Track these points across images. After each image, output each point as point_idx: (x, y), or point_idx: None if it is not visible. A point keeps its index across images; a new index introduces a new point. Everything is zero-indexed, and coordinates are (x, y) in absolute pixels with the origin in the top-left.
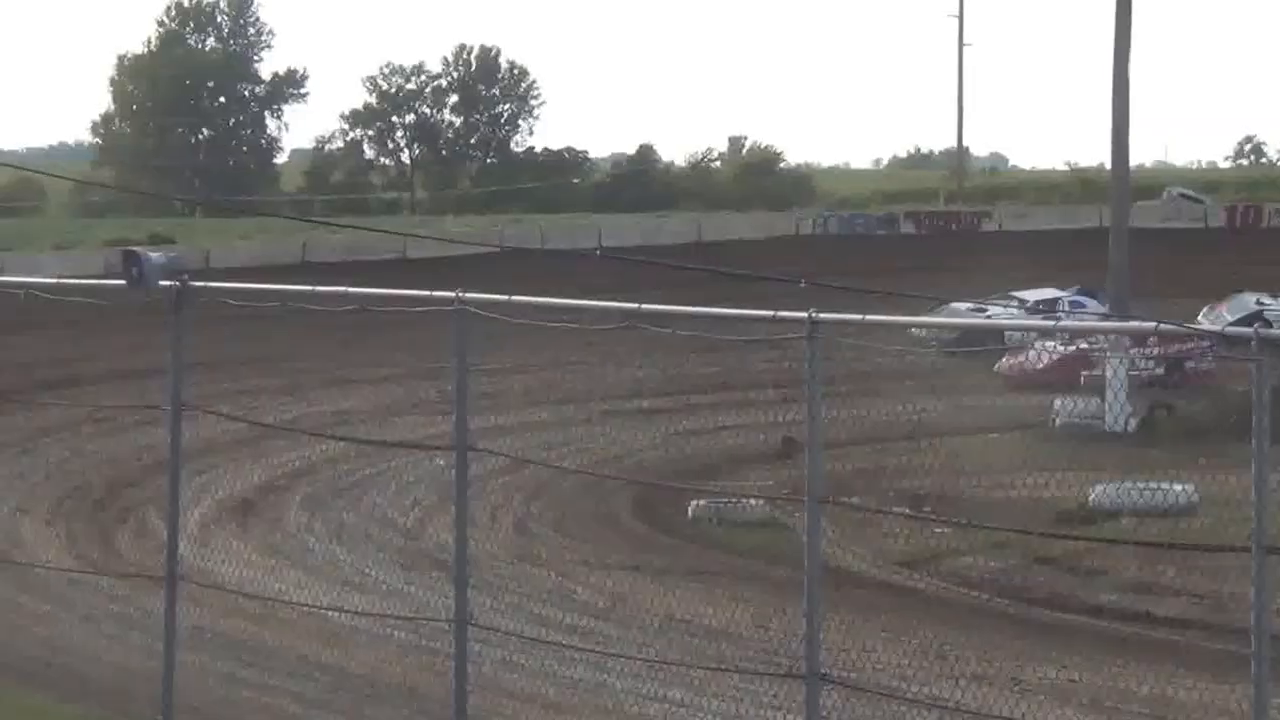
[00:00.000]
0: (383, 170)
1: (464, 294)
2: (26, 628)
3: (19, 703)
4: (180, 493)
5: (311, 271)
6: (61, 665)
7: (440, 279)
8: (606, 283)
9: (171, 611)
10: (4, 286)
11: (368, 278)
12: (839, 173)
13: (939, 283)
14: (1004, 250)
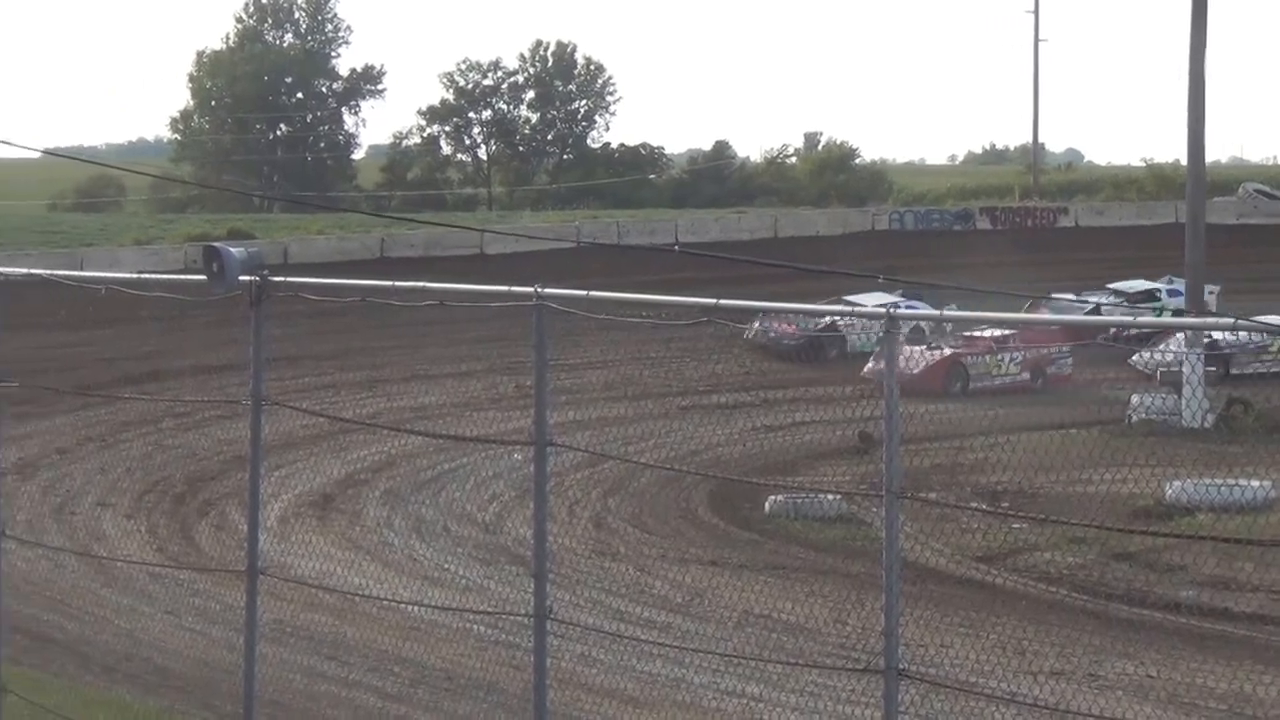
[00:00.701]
0: (459, 166)
1: (543, 289)
2: (108, 621)
3: (101, 695)
4: (260, 487)
5: (389, 267)
6: (143, 659)
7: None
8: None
9: (252, 605)
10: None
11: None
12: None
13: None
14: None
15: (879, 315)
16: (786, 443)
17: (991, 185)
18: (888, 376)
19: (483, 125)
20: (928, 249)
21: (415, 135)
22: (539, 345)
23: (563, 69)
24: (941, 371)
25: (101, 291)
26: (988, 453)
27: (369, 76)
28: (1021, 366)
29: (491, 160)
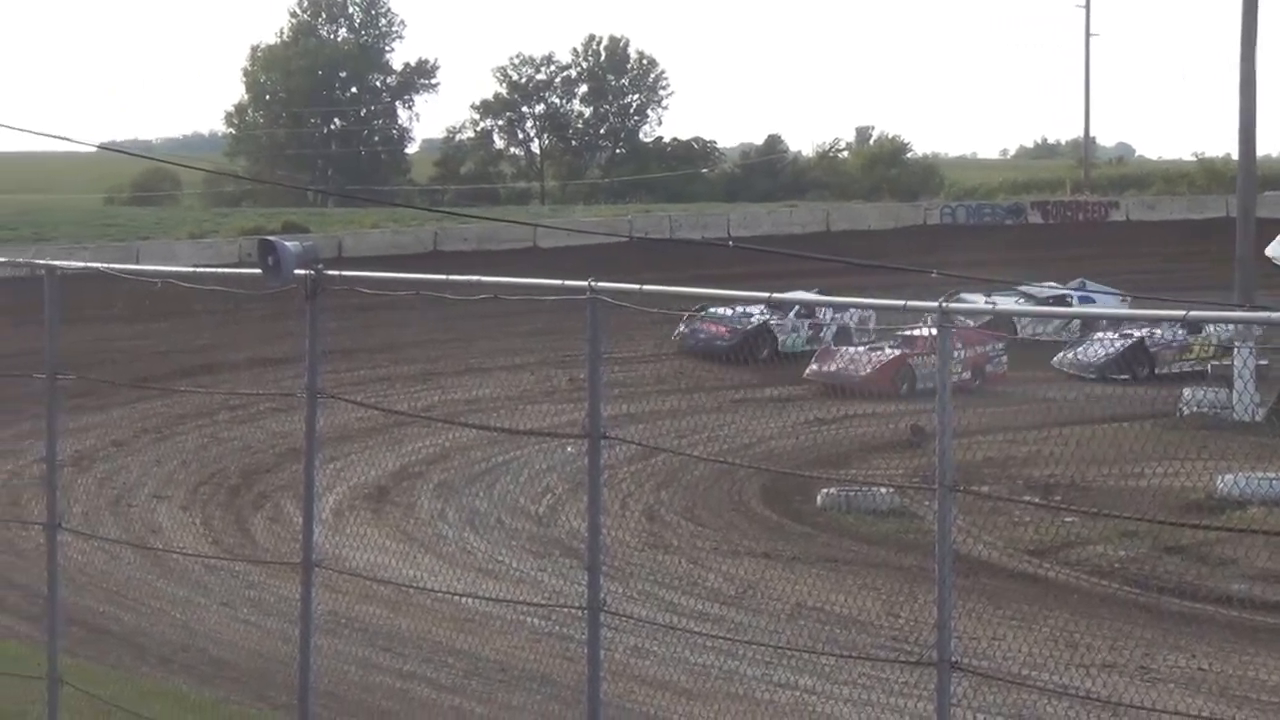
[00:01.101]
0: (512, 160)
1: (596, 283)
2: (164, 612)
3: (157, 686)
4: (315, 480)
5: (443, 260)
6: (198, 650)
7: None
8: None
9: (307, 597)
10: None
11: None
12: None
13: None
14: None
15: (930, 309)
16: (839, 436)
17: (1043, 179)
18: (940, 370)
19: (535, 119)
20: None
21: (468, 129)
22: (593, 338)
23: (615, 63)
24: (890, 372)
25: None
26: (1039, 446)
27: (422, 71)
28: (963, 365)
29: (544, 154)
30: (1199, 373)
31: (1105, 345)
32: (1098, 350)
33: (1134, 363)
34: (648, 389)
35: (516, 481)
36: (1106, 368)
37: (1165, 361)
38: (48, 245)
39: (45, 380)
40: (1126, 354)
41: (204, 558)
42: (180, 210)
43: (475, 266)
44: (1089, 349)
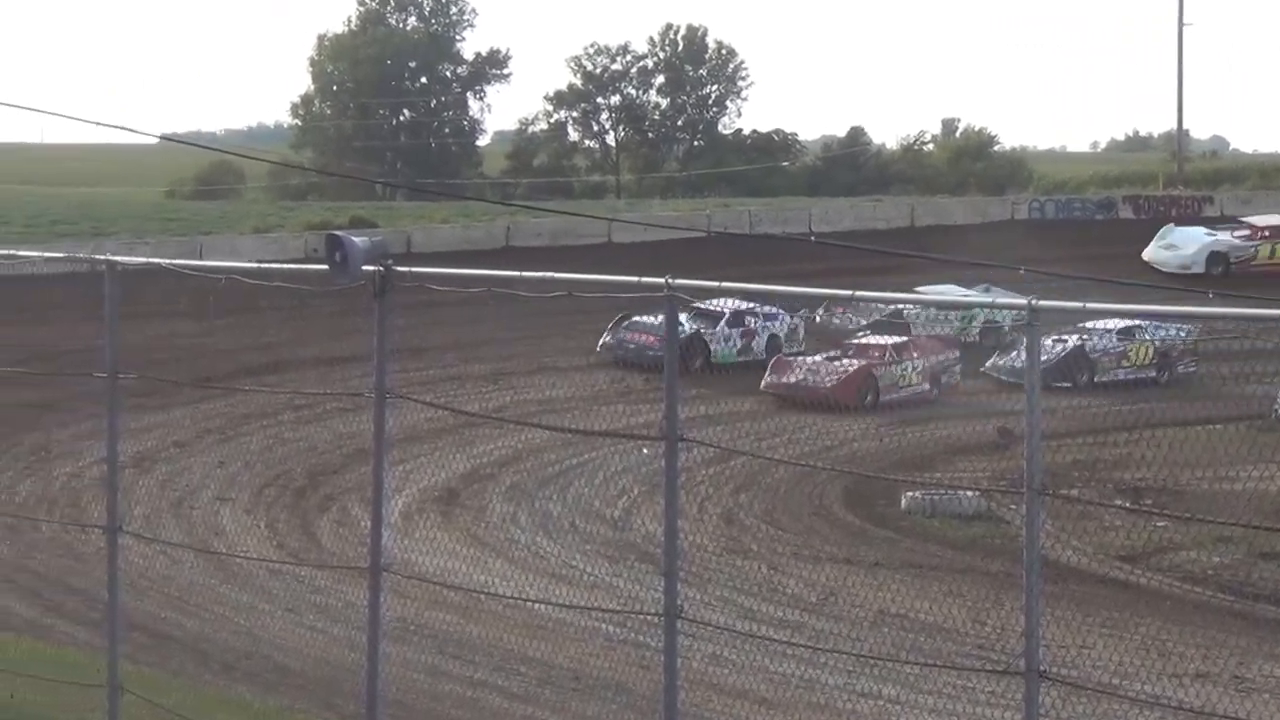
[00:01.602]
0: (587, 153)
1: (673, 280)
2: (227, 618)
3: (220, 694)
4: (384, 482)
5: (515, 256)
6: (262, 657)
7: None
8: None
9: (375, 603)
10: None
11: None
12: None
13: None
14: None
15: (1019, 305)
16: (923, 438)
17: (1135, 173)
18: (1029, 371)
19: (611, 111)
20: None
21: (542, 121)
22: (670, 338)
23: (693, 53)
24: (855, 383)
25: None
26: (1130, 448)
27: (494, 60)
28: (921, 376)
29: (620, 147)
30: (1139, 380)
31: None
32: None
33: (1074, 369)
34: (726, 390)
35: (591, 484)
36: (1046, 375)
37: (1105, 369)
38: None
39: (106, 379)
40: (1067, 360)
41: (268, 562)
42: (244, 204)
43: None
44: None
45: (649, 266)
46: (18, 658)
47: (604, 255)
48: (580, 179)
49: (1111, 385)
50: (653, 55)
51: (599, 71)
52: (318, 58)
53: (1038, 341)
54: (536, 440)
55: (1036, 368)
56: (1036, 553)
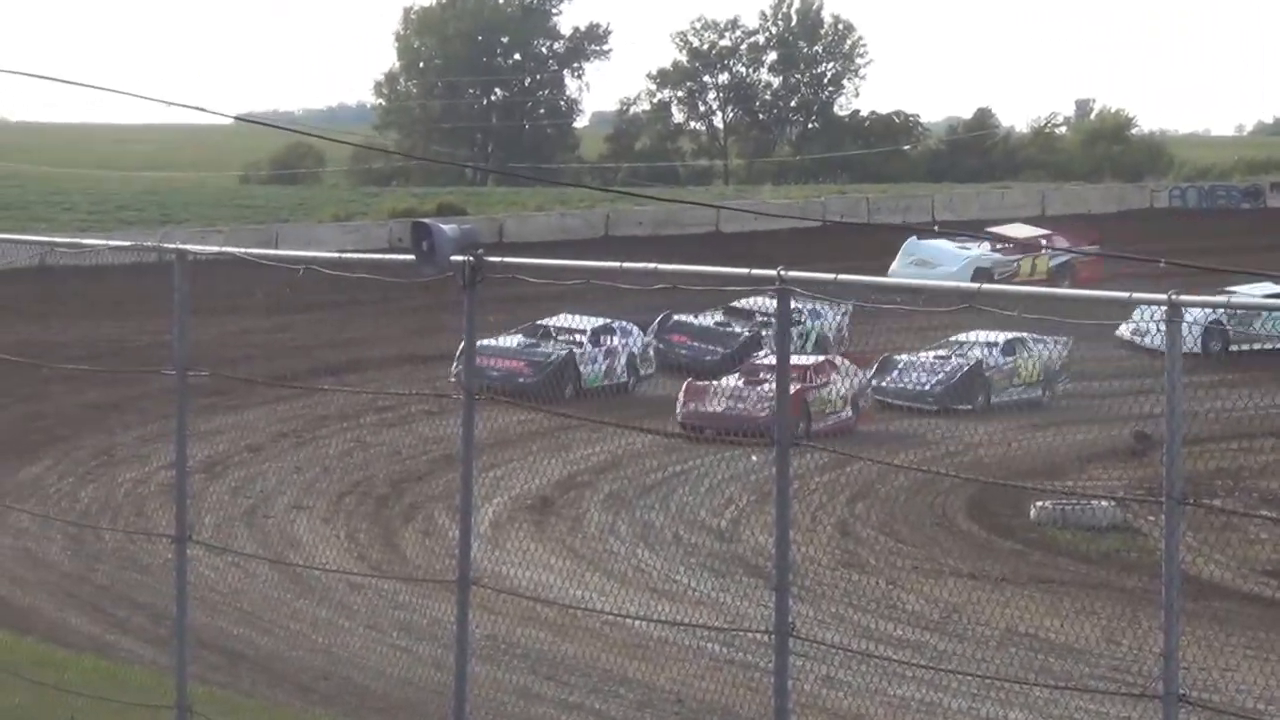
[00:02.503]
0: (693, 136)
1: (786, 272)
2: (304, 636)
3: (296, 717)
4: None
5: (615, 246)
6: (342, 678)
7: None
8: None
9: (463, 619)
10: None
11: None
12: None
13: None
14: None
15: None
16: (1054, 443)
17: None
18: (1170, 369)
19: (719, 90)
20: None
21: (644, 101)
22: (781, 335)
23: (808, 28)
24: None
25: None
26: (1277, 455)
27: (593, 36)
28: (844, 400)
29: (728, 129)
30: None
31: (929, 370)
32: (921, 377)
33: (973, 389)
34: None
35: (696, 492)
36: (945, 396)
37: (999, 388)
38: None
39: (175, 377)
40: (965, 379)
41: (348, 575)
42: (324, 190)
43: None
44: (908, 374)
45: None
46: (79, 677)
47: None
48: (685, 163)
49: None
50: (764, 31)
51: (706, 48)
52: (404, 33)
53: (1179, 338)
54: (637, 445)
55: (1178, 367)
56: (1176, 567)
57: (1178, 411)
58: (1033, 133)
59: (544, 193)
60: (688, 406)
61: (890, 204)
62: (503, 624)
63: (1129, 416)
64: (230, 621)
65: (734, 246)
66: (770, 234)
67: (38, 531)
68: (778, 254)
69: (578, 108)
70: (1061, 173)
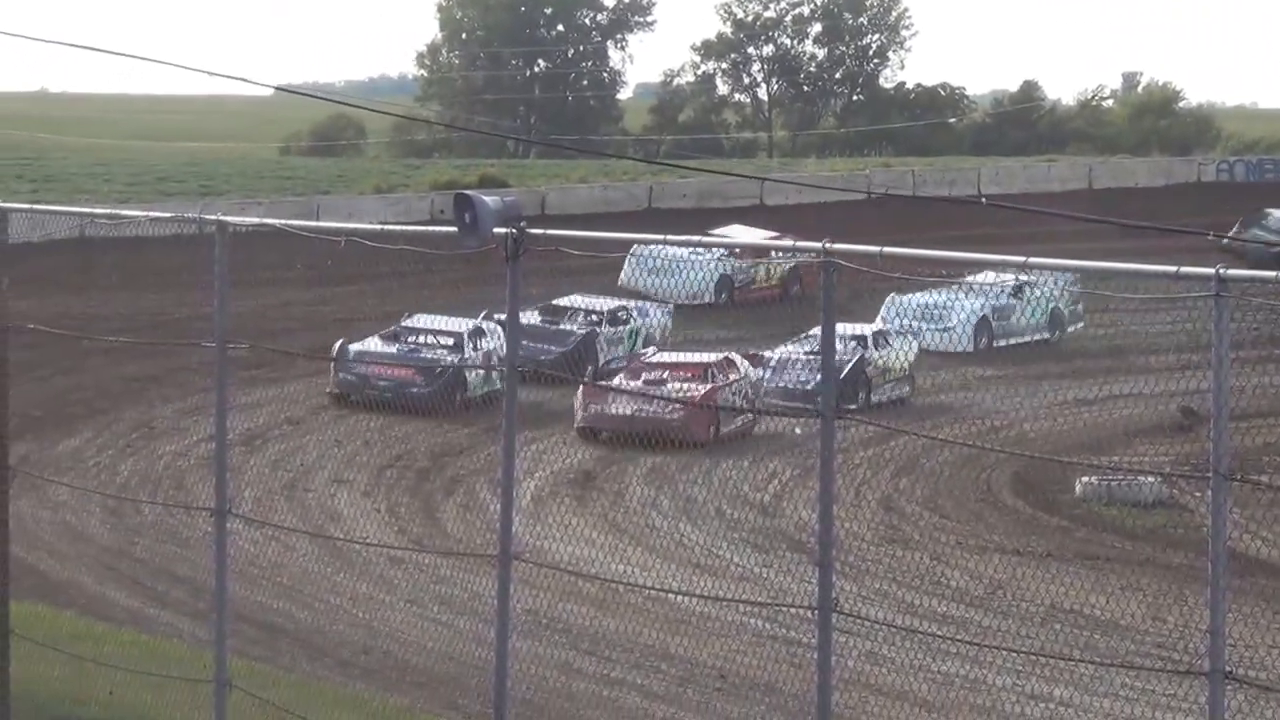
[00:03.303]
0: (737, 108)
1: (831, 245)
2: (344, 610)
3: (336, 692)
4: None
5: (659, 219)
6: (382, 652)
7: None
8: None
9: (504, 594)
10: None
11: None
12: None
13: None
14: None
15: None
16: (1099, 418)
17: None
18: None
19: (763, 62)
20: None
21: (688, 73)
22: (827, 307)
23: (853, 0)
24: (708, 413)
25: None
26: None
27: (637, 7)
28: (745, 400)
29: (773, 101)
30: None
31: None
32: (801, 375)
33: (856, 387)
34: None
35: (738, 467)
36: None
37: (878, 386)
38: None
39: (214, 349)
40: (851, 376)
41: (389, 549)
42: (365, 162)
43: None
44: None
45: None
46: (118, 651)
47: (755, 218)
48: (730, 136)
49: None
50: (809, 2)
51: (751, 19)
52: (446, 4)
53: (1227, 315)
54: None
55: (1226, 343)
56: (1223, 544)
57: (1225, 387)
58: (1079, 105)
59: (586, 165)
60: (589, 409)
61: (935, 177)
62: (544, 599)
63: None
64: (270, 595)
65: (778, 219)
66: (814, 207)
67: (77, 505)
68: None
69: (621, 79)
70: (1108, 146)
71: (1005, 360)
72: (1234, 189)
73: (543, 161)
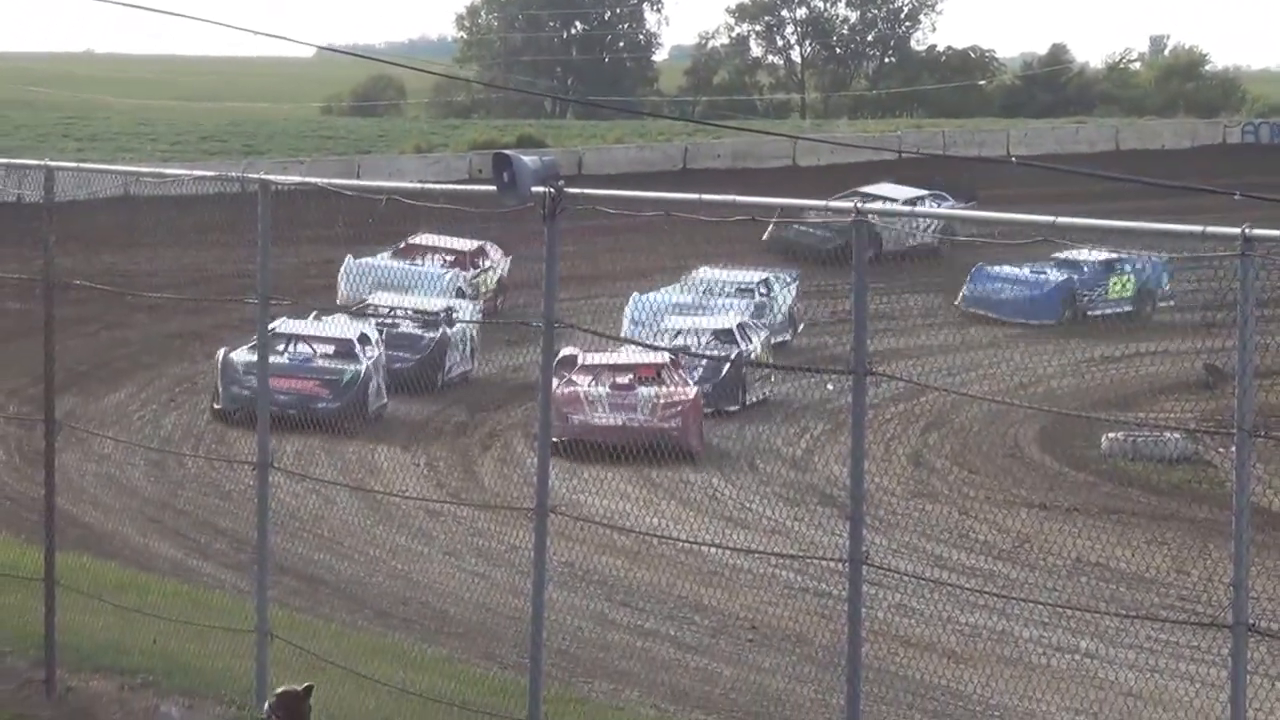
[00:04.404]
0: (770, 70)
1: (863, 204)
2: (383, 562)
3: (375, 642)
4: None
5: (693, 179)
6: (420, 603)
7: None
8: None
9: (541, 546)
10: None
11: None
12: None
13: None
14: None
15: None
16: (1125, 375)
17: None
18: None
19: (796, 25)
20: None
21: (722, 35)
22: (858, 266)
23: None
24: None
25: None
26: None
27: None
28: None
29: (806, 63)
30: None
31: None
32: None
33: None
34: (917, 322)
35: (770, 422)
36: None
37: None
38: (260, 159)
39: (257, 306)
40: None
41: (427, 502)
42: (405, 122)
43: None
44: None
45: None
46: (162, 601)
47: (788, 178)
48: (763, 97)
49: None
50: None
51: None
52: None
53: (1253, 273)
54: None
55: (1251, 301)
56: (1246, 498)
57: (1249, 344)
58: (1107, 69)
59: (623, 125)
60: (570, 420)
61: (965, 139)
62: (579, 551)
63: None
64: (310, 547)
65: (811, 179)
66: (847, 167)
67: (121, 458)
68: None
69: (656, 41)
70: (1135, 108)
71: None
72: (1259, 150)
73: (579, 122)
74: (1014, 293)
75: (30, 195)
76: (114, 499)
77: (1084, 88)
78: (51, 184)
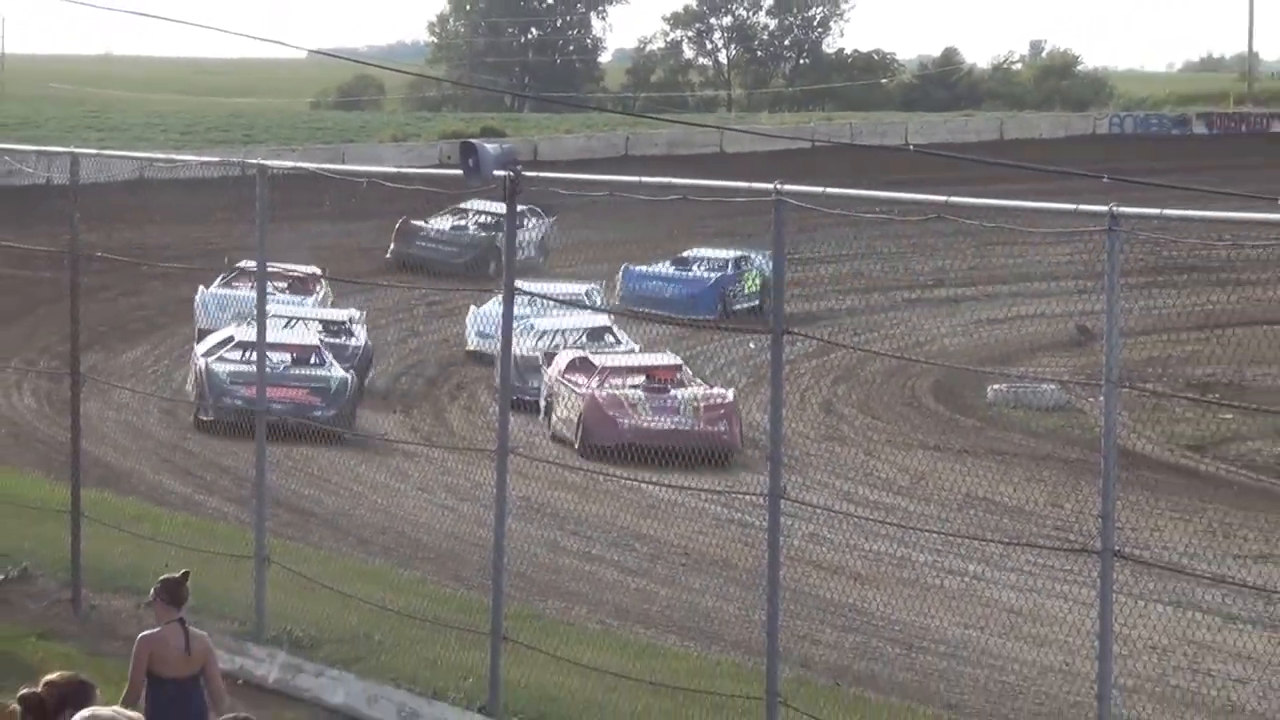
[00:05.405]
0: (701, 70)
1: (781, 186)
2: (365, 497)
3: (358, 566)
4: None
5: (634, 165)
6: (396, 532)
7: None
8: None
9: (502, 483)
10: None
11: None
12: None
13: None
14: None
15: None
16: (1007, 334)
17: (1208, 92)
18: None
19: (723, 31)
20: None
21: (659, 40)
22: (777, 239)
23: None
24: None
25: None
26: (1199, 346)
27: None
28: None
29: (731, 64)
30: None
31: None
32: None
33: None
34: (827, 289)
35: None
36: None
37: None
38: (258, 147)
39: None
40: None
41: (403, 444)
42: (384, 115)
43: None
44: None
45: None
46: (173, 531)
47: (716, 164)
48: (694, 94)
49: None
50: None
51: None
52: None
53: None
54: (652, 334)
55: (1116, 270)
56: (1113, 441)
57: (1116, 308)
58: (993, 69)
59: (572, 118)
60: (619, 424)
61: (870, 129)
62: (535, 487)
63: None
64: (302, 484)
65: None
66: (767, 154)
67: (137, 406)
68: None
69: (602, 45)
70: (1017, 103)
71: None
72: (1124, 139)
73: (535, 115)
74: (675, 291)
75: (58, 178)
76: (131, 442)
77: (973, 85)
78: (76, 168)
